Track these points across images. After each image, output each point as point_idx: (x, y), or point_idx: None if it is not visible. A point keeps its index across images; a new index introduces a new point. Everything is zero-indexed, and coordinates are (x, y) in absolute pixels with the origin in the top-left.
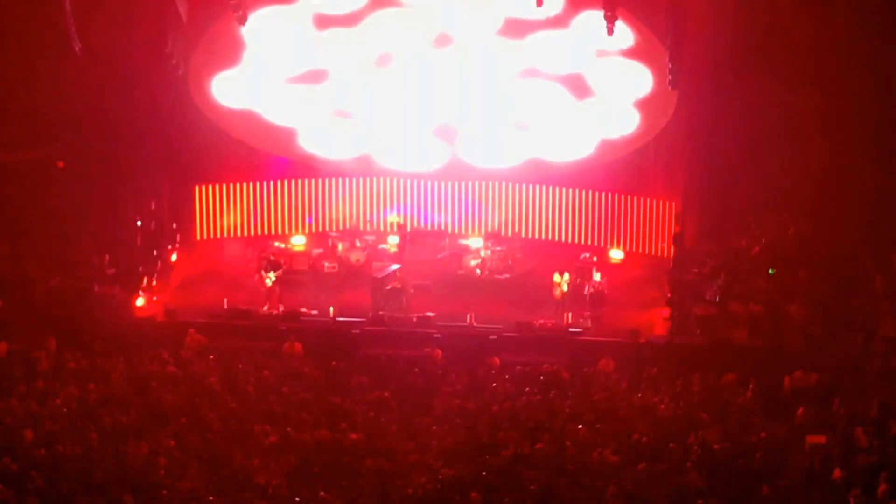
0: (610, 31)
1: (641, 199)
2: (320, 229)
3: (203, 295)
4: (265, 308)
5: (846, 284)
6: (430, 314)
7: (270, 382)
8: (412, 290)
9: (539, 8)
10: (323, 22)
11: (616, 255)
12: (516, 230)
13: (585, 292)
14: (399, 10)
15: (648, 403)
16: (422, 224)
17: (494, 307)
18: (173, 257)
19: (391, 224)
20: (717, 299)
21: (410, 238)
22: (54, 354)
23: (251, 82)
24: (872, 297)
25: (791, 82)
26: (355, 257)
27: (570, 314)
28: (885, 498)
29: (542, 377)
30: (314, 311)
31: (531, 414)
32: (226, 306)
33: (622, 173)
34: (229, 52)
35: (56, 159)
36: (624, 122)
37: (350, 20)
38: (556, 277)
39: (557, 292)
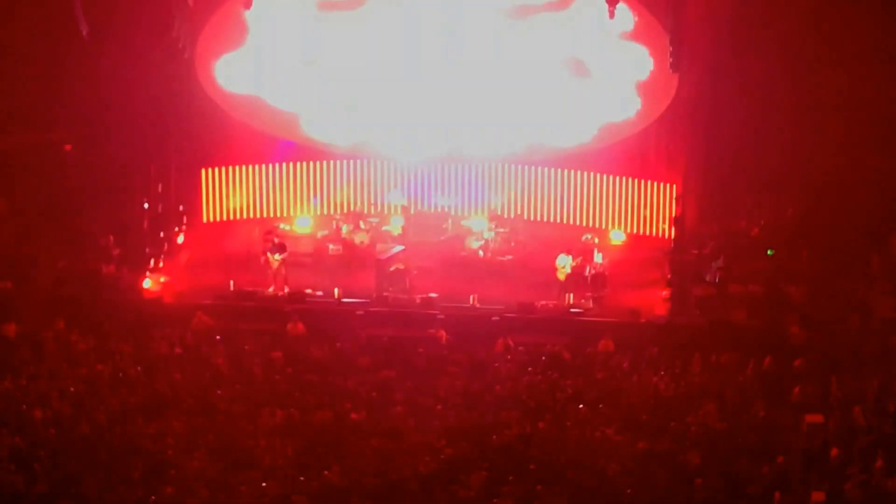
0: (611, 14)
1: (642, 181)
2: (325, 212)
3: (209, 277)
4: (270, 289)
5: (844, 265)
6: (434, 295)
7: (276, 363)
8: (415, 272)
9: None
10: (327, 7)
11: (617, 236)
12: (518, 212)
13: (587, 273)
14: None
15: (648, 383)
16: (425, 206)
17: (497, 288)
18: (180, 239)
19: (395, 206)
20: (717, 280)
21: (414, 220)
22: (62, 335)
23: (256, 66)
24: (870, 278)
25: (790, 65)
26: (359, 239)
27: (571, 295)
28: (882, 476)
29: (543, 358)
30: (319, 293)
31: (533, 394)
32: (232, 288)
33: (623, 156)
34: (234, 36)
35: (64, 142)
36: (625, 105)
37: (354, 5)
38: (560, 261)
39: (561, 275)
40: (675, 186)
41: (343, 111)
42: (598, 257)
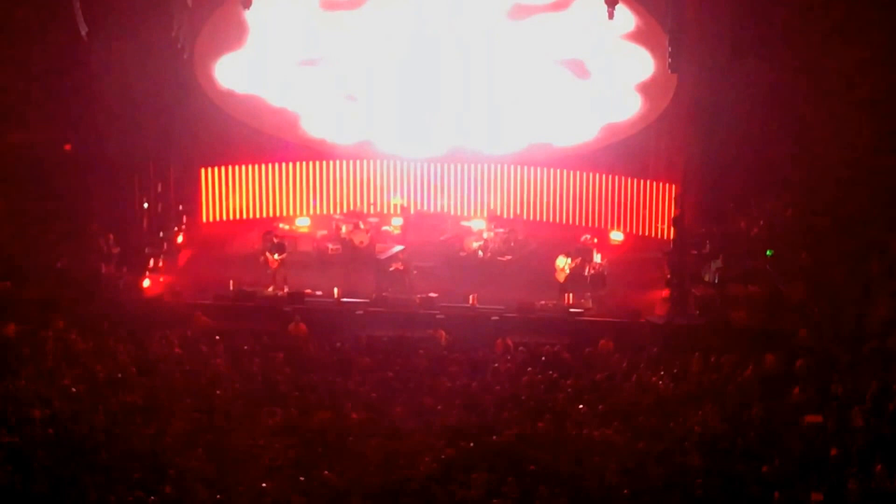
0: (611, 15)
1: (642, 181)
2: (325, 211)
3: (209, 276)
4: (270, 289)
5: (844, 265)
6: (433, 295)
7: (275, 363)
8: (415, 272)
9: None
10: (327, 5)
11: (616, 236)
12: (518, 212)
13: (586, 273)
14: None
15: (648, 383)
16: (425, 206)
17: (497, 289)
18: (179, 239)
19: (394, 206)
20: (716, 280)
21: (413, 220)
22: (62, 335)
23: (255, 66)
24: (869, 278)
25: (789, 65)
26: (359, 239)
27: (570, 295)
28: (882, 477)
29: (543, 358)
30: (318, 293)
31: (533, 394)
32: (231, 288)
33: (623, 156)
34: (234, 36)
35: (63, 142)
36: (624, 105)
37: (355, 4)
38: (560, 261)
39: (561, 276)
40: (674, 186)
41: (343, 110)
42: (597, 257)
